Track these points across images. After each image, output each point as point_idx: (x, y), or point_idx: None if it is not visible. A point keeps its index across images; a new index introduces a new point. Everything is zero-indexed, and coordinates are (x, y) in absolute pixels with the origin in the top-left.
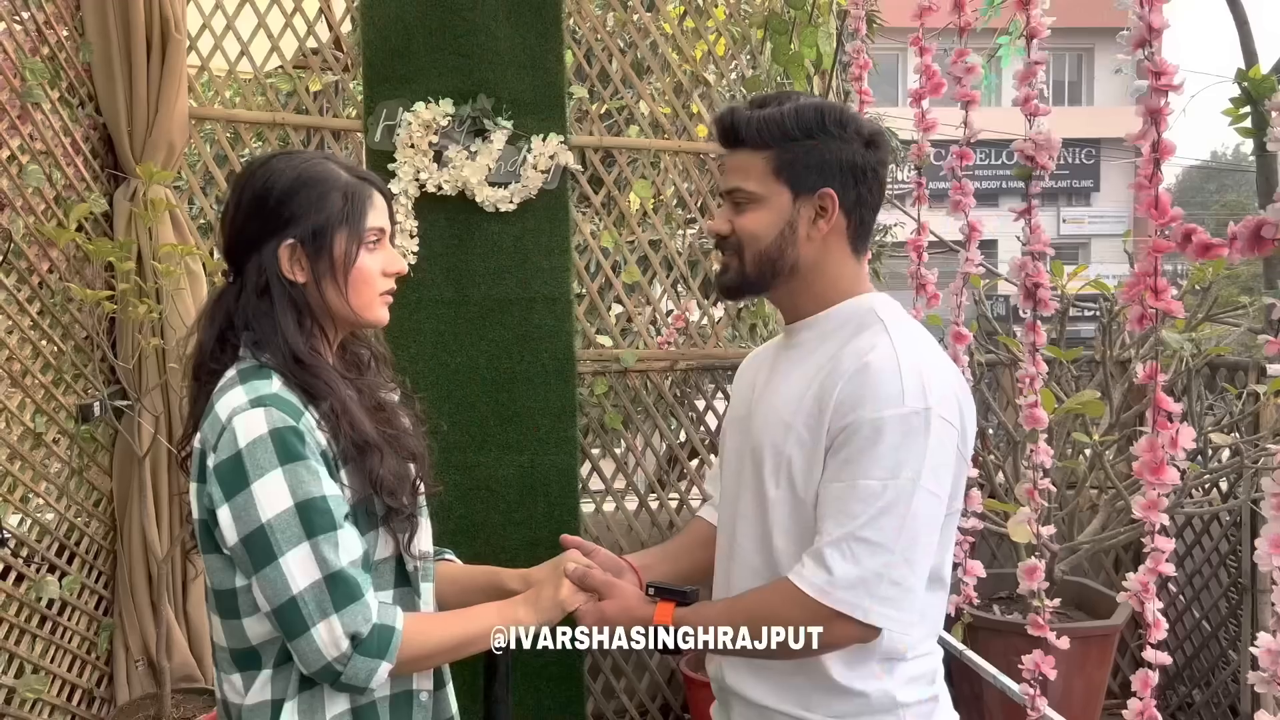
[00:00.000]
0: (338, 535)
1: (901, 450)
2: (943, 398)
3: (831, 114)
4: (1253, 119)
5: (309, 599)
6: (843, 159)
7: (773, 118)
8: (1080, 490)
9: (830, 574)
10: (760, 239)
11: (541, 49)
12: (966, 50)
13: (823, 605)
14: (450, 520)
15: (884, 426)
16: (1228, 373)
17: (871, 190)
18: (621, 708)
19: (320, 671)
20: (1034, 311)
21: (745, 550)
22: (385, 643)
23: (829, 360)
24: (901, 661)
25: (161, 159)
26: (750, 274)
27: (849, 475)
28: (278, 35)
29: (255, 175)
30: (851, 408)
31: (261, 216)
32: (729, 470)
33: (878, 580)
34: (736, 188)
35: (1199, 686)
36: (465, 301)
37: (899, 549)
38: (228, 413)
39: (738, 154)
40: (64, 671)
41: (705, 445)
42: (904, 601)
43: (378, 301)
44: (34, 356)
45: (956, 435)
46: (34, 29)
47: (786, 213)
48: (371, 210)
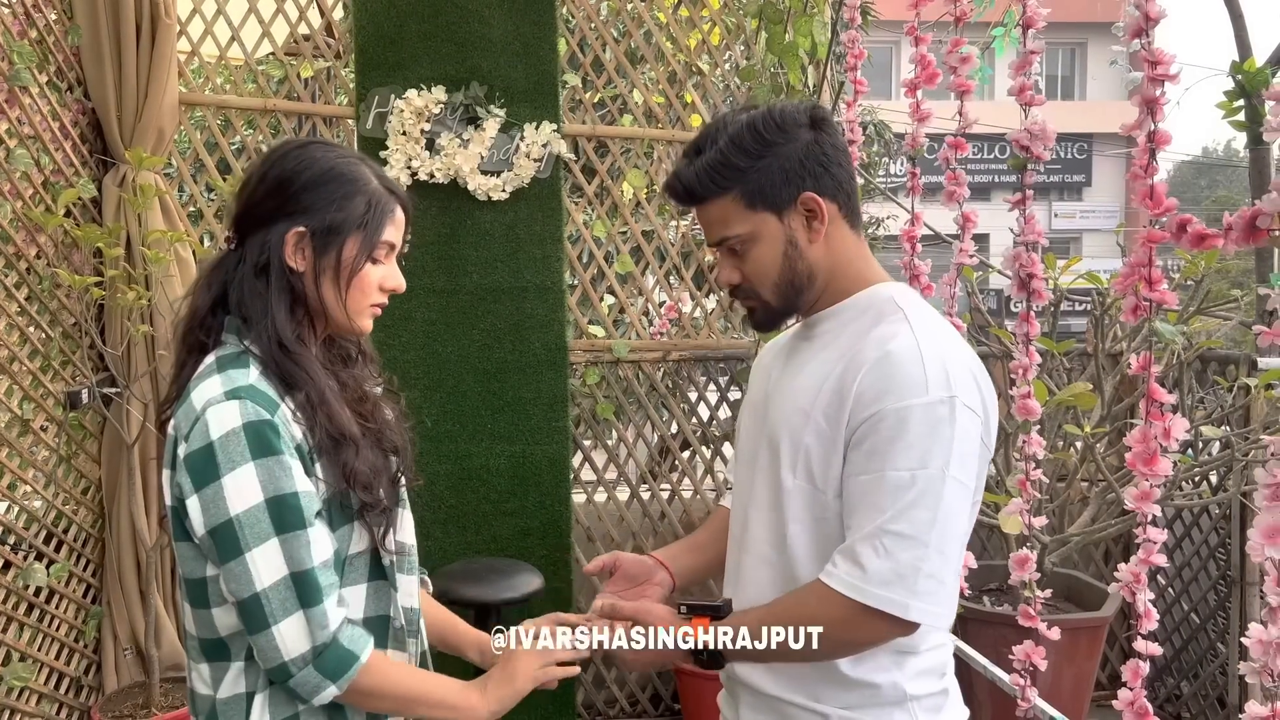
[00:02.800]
0: (308, 534)
1: (928, 440)
2: (966, 386)
3: (765, 123)
4: (1246, 112)
5: (272, 596)
6: (800, 156)
7: (717, 160)
8: (1071, 482)
9: (864, 570)
10: (770, 272)
11: (535, 37)
12: (962, 40)
13: (859, 603)
14: (442, 510)
15: (909, 416)
16: (1218, 366)
17: (841, 165)
18: (612, 698)
19: (275, 670)
20: (1027, 302)
21: (757, 539)
22: (344, 667)
23: (849, 350)
24: (913, 654)
25: (151, 144)
26: (778, 306)
27: (875, 467)
28: (269, 21)
29: (289, 155)
30: (875, 398)
31: (281, 197)
32: (743, 458)
33: (914, 574)
34: (724, 238)
35: (1187, 678)
36: (457, 290)
37: (932, 540)
38: (202, 403)
39: (706, 208)
40: (52, 659)
41: (697, 436)
42: (940, 594)
43: (367, 311)
44: (22, 343)
45: (980, 423)
46: (22, 12)
47: (781, 234)
48: (390, 224)
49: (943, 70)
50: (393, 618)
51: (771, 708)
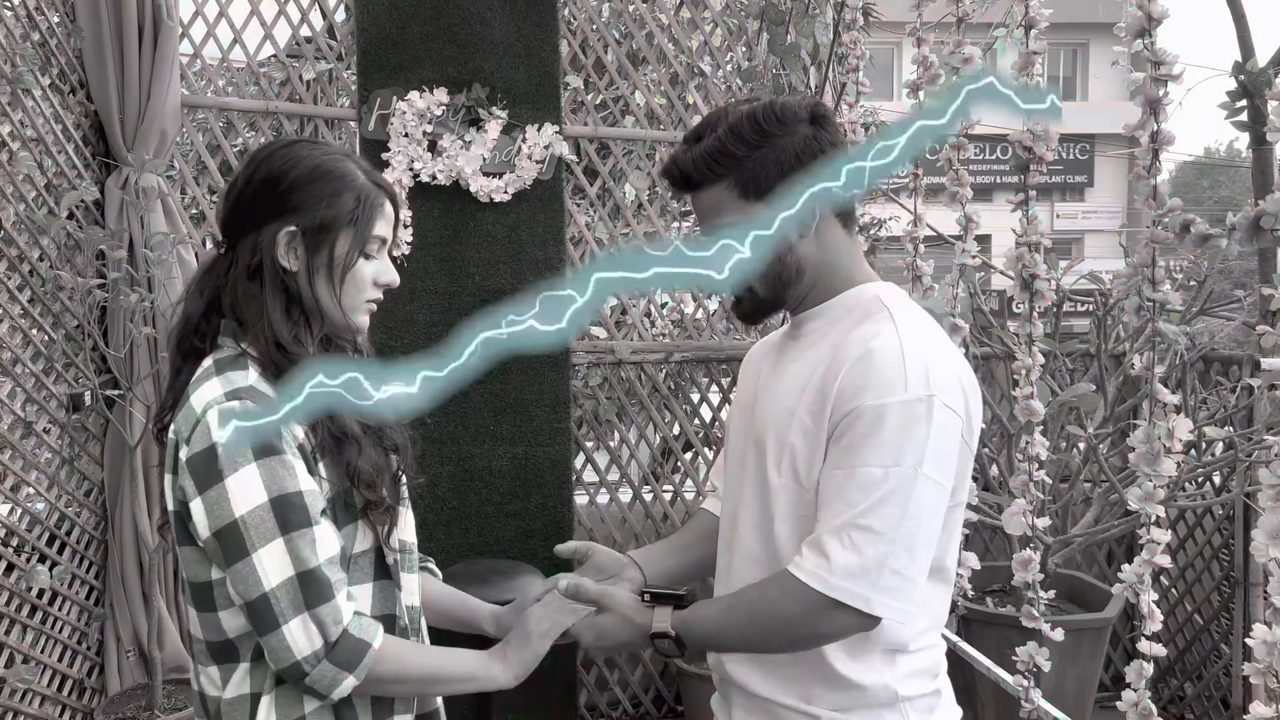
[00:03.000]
0: (313, 532)
1: (903, 437)
2: (946, 385)
3: (766, 115)
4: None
5: (281, 596)
6: (797, 150)
7: (715, 147)
8: (1074, 483)
9: (829, 562)
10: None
11: (537, 38)
12: (964, 40)
13: (823, 595)
14: (444, 511)
15: (886, 413)
16: (1222, 367)
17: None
18: (615, 700)
19: (288, 670)
20: (1030, 303)
21: (746, 539)
22: (358, 657)
23: (833, 348)
24: (904, 654)
25: (153, 147)
26: (765, 297)
27: (849, 462)
28: (271, 23)
29: (274, 155)
30: (854, 394)
31: (270, 198)
32: (732, 458)
33: (879, 569)
34: (715, 226)
35: (1191, 679)
36: (459, 292)
37: (900, 537)
38: (202, 406)
39: (701, 195)
40: (54, 661)
41: (699, 437)
42: (905, 591)
43: (363, 308)
44: (24, 345)
45: (961, 423)
46: (25, 15)
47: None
48: (380, 219)
49: (945, 72)
50: (398, 617)
51: (764, 709)
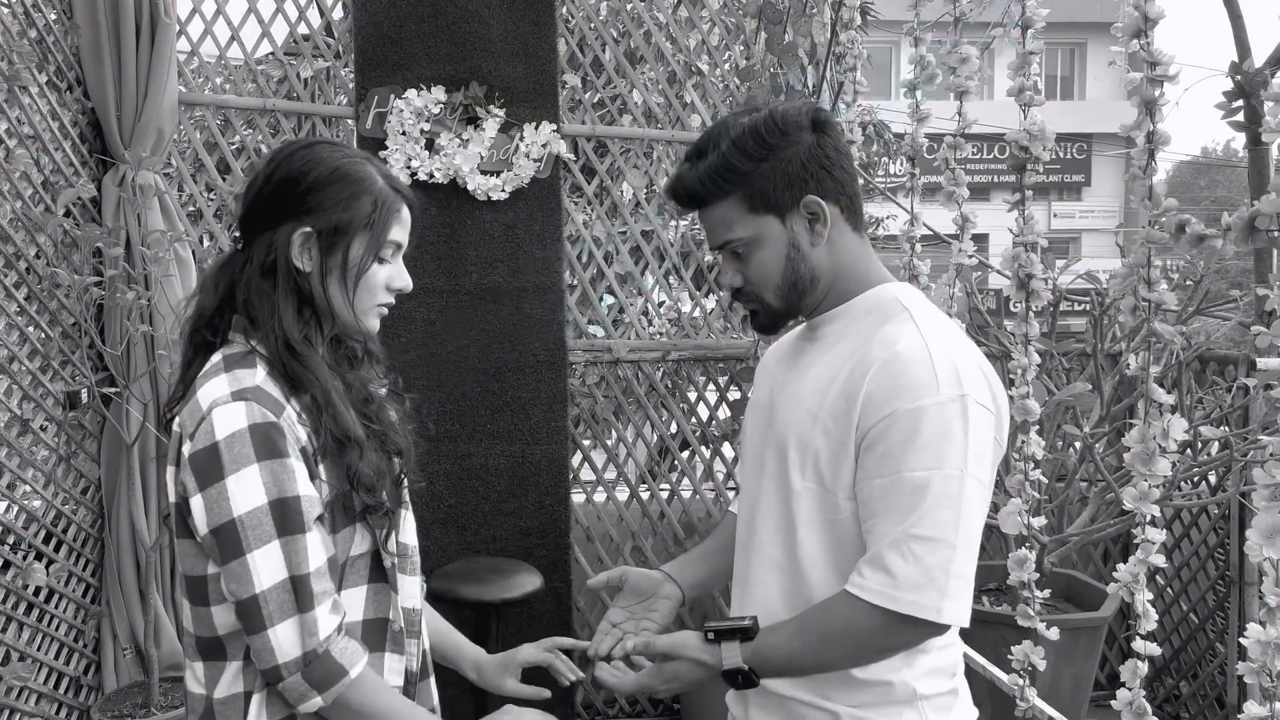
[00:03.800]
0: (306, 539)
1: (942, 440)
2: (976, 384)
3: (768, 126)
4: (1245, 113)
5: (271, 599)
6: (803, 159)
7: (719, 163)
8: (1070, 483)
9: (893, 578)
10: (773, 275)
11: (534, 37)
12: (962, 39)
13: (892, 611)
14: (441, 509)
15: (922, 417)
16: (1217, 366)
17: (843, 167)
18: (611, 698)
19: (268, 671)
20: (1026, 303)
21: (764, 541)
22: (331, 680)
23: (855, 351)
24: (924, 653)
25: (151, 144)
26: (780, 308)
27: (891, 469)
28: (269, 21)
29: (294, 155)
30: (885, 399)
31: (288, 198)
32: (749, 462)
33: (944, 576)
34: (726, 241)
35: (1186, 678)
36: (456, 290)
37: (959, 540)
38: (208, 402)
39: (708, 211)
40: (51, 659)
41: (696, 436)
42: (966, 594)
43: (374, 311)
44: (21, 342)
45: (993, 421)
46: (21, 11)
47: (783, 237)
48: (396, 224)
49: (942, 70)
50: (391, 620)
51: (781, 706)
